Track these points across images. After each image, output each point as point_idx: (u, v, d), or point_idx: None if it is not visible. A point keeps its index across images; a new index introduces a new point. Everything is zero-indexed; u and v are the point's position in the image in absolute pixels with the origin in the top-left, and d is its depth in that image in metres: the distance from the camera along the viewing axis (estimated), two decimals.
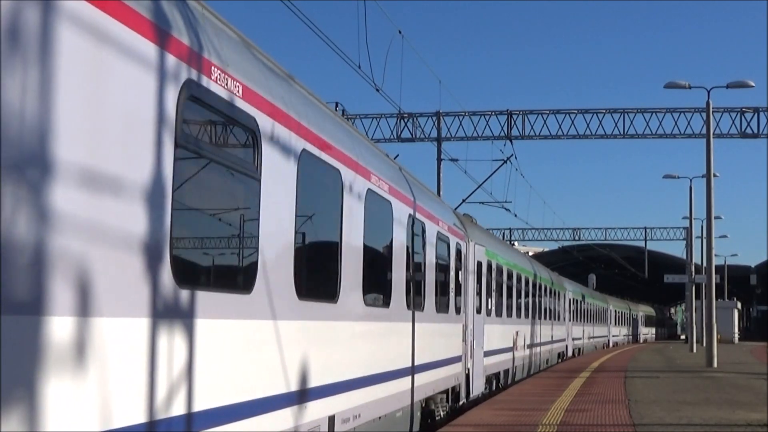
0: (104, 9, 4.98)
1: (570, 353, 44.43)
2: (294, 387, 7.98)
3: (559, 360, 40.22)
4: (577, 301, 46.58)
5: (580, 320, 49.53)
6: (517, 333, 26.04)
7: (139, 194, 5.33)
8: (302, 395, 8.22)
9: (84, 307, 4.76)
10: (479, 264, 19.23)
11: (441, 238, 15.26)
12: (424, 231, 13.95)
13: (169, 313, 5.69)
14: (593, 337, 58.30)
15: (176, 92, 5.79)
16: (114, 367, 5.05)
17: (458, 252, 16.77)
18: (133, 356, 5.30)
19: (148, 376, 5.46)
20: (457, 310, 16.76)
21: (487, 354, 20.17)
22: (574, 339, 46.11)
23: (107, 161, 5.01)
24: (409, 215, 13.00)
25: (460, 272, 16.84)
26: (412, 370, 13.16)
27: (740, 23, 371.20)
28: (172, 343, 5.77)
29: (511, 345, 25.08)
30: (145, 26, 5.43)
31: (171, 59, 5.73)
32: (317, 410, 8.67)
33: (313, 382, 8.53)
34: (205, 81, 6.22)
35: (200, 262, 6.62)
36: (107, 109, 5.03)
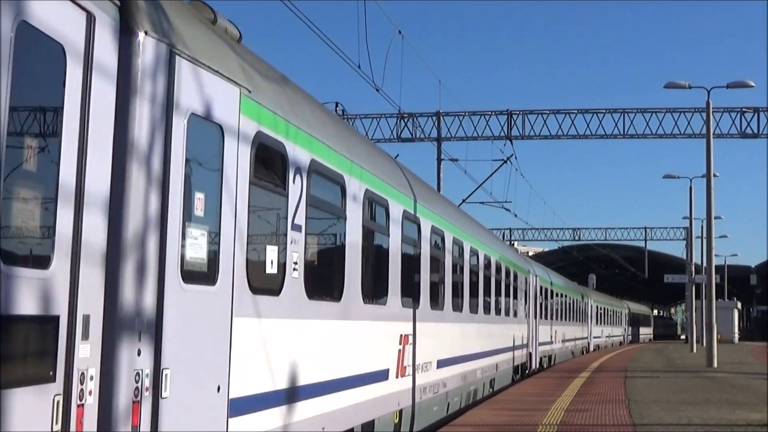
0: None
1: (535, 364, 30.86)
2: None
3: (517, 377, 26.92)
4: (545, 290, 34.30)
5: (550, 317, 36.20)
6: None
7: None
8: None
9: None
10: None
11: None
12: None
13: None
14: (569, 340, 44.38)
15: None
16: None
17: None
18: None
19: None
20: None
21: None
22: (541, 343, 32.74)
23: None
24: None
25: None
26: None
27: (740, 23, 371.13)
28: None
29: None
30: None
31: None
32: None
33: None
34: None
35: None
36: None
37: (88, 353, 5.35)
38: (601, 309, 63.77)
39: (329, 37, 16.33)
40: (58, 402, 5.06)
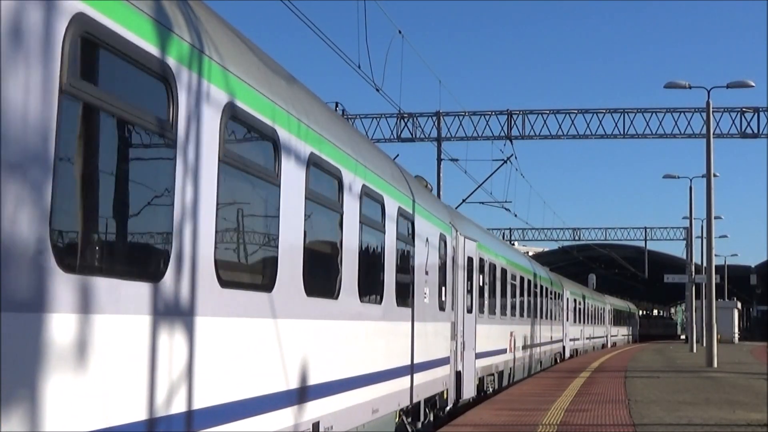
0: None
1: (467, 393, 18.01)
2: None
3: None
4: (493, 267, 22.19)
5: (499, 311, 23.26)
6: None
7: None
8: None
9: None
10: None
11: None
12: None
13: None
14: (536, 345, 31.47)
15: None
16: None
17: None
18: None
19: None
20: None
21: None
22: (485, 354, 20.67)
23: None
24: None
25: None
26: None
27: (740, 23, 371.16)
28: None
29: None
30: None
31: None
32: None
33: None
34: None
35: None
36: None
37: None
38: (580, 304, 50.87)
39: (329, 37, 16.31)
40: None
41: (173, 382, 5.91)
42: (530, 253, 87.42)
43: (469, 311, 18.51)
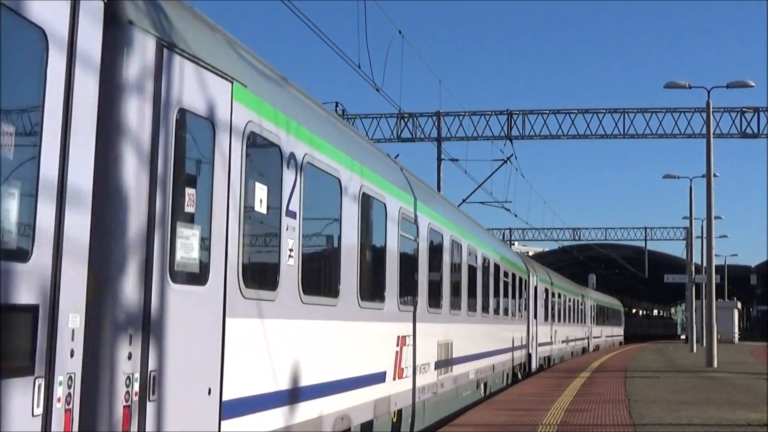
0: None
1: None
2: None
3: None
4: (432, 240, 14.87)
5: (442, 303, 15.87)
6: None
7: None
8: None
9: None
10: None
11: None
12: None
13: None
14: (484, 355, 20.61)
15: None
16: None
17: None
18: None
19: None
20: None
21: None
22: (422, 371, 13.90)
23: None
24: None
25: None
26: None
27: (740, 23, 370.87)
28: None
29: None
30: None
31: None
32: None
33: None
34: None
35: None
36: None
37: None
38: (555, 296, 38.14)
39: (329, 37, 16.33)
40: None
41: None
42: (530, 253, 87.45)
43: None
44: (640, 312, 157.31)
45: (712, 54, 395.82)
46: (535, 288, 31.68)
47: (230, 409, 6.91)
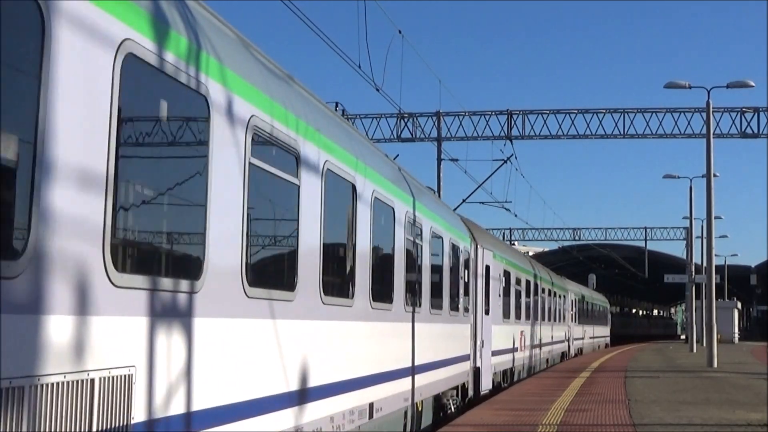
0: None
1: None
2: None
3: None
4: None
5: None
6: None
7: None
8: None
9: None
10: None
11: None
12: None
13: None
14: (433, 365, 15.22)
15: None
16: None
17: None
18: None
19: None
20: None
21: None
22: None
23: None
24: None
25: None
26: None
27: (740, 23, 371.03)
28: None
29: None
30: None
31: None
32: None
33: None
34: None
35: None
36: None
37: None
38: (519, 283, 28.09)
39: (329, 37, 16.29)
40: None
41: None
42: (530, 253, 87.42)
43: None
44: (640, 312, 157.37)
45: (712, 54, 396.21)
46: (487, 268, 21.58)
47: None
